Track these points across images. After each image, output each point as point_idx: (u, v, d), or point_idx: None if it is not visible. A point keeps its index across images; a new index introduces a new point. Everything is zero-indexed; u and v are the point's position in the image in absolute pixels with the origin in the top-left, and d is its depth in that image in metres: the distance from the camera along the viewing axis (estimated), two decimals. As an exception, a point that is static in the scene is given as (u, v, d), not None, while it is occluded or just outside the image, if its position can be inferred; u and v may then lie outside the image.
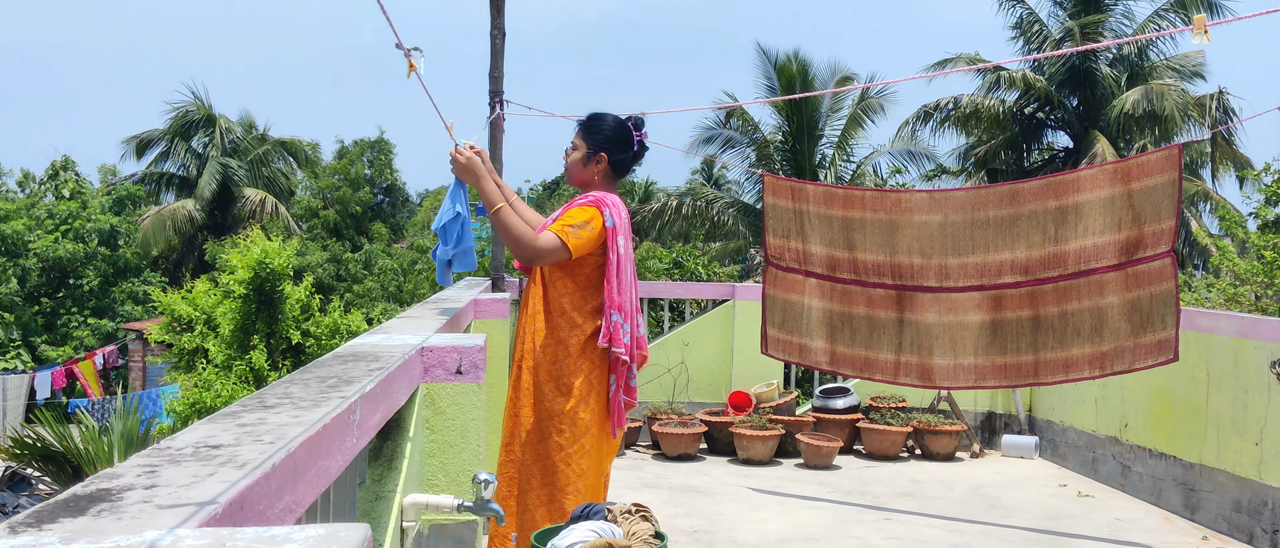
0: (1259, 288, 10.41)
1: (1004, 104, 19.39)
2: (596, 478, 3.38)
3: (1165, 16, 18.86)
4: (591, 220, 3.26)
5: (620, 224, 3.30)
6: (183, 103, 27.99)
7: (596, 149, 3.40)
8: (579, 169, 3.43)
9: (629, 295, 3.32)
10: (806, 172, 18.53)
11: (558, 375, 3.30)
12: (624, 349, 3.27)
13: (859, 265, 5.15)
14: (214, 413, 1.63)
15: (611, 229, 3.27)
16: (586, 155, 3.41)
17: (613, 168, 3.41)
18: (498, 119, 5.67)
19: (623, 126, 3.43)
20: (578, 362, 3.29)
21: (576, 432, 3.28)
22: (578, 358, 3.29)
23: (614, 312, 3.26)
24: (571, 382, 3.28)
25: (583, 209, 3.30)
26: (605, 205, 3.30)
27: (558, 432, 3.28)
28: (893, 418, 7.00)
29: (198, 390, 11.48)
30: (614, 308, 3.26)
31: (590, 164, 3.41)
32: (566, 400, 3.28)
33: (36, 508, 1.06)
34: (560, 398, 3.29)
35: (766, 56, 18.93)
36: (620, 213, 3.32)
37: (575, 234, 3.23)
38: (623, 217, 3.33)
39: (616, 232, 3.28)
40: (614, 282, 3.27)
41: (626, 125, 3.43)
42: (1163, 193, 4.52)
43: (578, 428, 3.28)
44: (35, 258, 24.37)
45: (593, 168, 3.41)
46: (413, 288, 24.87)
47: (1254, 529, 4.94)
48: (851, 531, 5.09)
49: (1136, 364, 4.68)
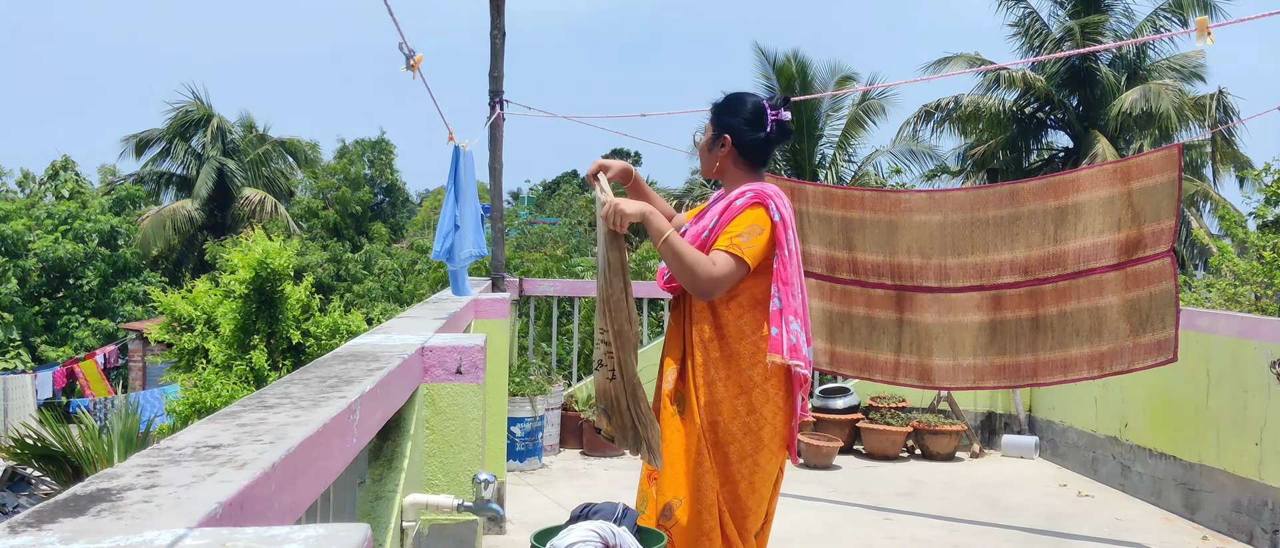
0: (1259, 288, 10.41)
1: (1004, 104, 19.40)
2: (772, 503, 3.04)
3: (1165, 16, 18.86)
4: (758, 222, 2.85)
5: (787, 217, 2.88)
6: (182, 103, 28.02)
7: (720, 131, 2.99)
8: (705, 155, 3.06)
9: (802, 296, 2.91)
10: (806, 171, 18.53)
11: (741, 409, 2.90)
12: (803, 362, 2.85)
13: (858, 265, 5.15)
14: (214, 413, 1.63)
15: (779, 223, 2.86)
16: (712, 139, 3.02)
17: (742, 152, 2.97)
18: (498, 119, 5.67)
19: (752, 104, 2.98)
20: (764, 388, 2.88)
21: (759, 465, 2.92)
22: (763, 384, 2.88)
23: (792, 318, 2.84)
24: (760, 411, 2.89)
25: (746, 212, 2.87)
26: (768, 199, 2.88)
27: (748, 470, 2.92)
28: (893, 418, 7.01)
29: (198, 390, 11.48)
30: (792, 316, 2.84)
31: (716, 148, 3.01)
32: (755, 437, 2.89)
33: (36, 508, 1.06)
34: (749, 437, 2.89)
35: (765, 57, 18.95)
36: (783, 203, 2.90)
37: (747, 246, 2.82)
38: (787, 208, 2.91)
39: (785, 225, 2.86)
40: (789, 284, 2.85)
41: (755, 101, 3.00)
42: (1163, 193, 4.52)
43: (761, 459, 2.92)
44: (35, 258, 24.37)
45: (718, 153, 3.00)
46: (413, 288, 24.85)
47: (1254, 529, 4.94)
48: (851, 530, 5.09)
49: (1136, 365, 4.68)
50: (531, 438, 6.35)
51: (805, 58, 18.85)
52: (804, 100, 18.12)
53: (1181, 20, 18.54)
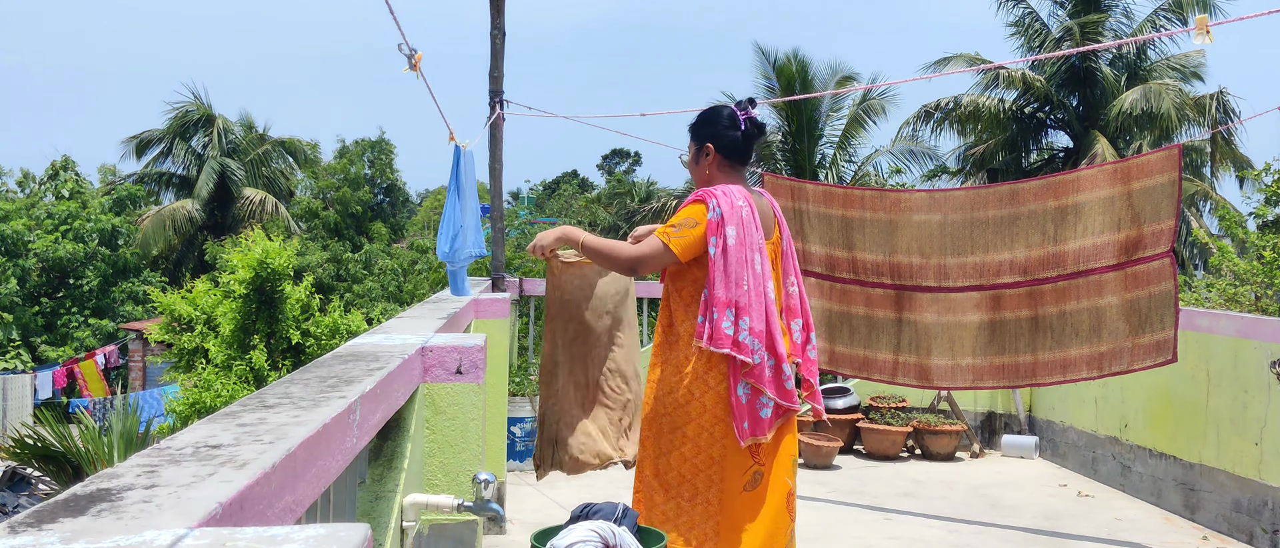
0: (1259, 288, 10.41)
1: (1003, 104, 19.40)
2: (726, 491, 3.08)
3: (1165, 16, 18.86)
4: (694, 215, 3.05)
5: (731, 213, 3.02)
6: (182, 103, 28.01)
7: (701, 142, 3.23)
8: (694, 169, 3.30)
9: (751, 289, 3.00)
10: (807, 171, 18.53)
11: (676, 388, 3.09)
12: (736, 347, 2.95)
13: (858, 265, 5.15)
14: (214, 413, 1.63)
15: (716, 220, 3.02)
16: (695, 153, 3.27)
17: (724, 155, 3.20)
18: (498, 119, 5.67)
19: (725, 112, 3.24)
20: (698, 371, 3.05)
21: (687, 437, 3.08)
22: (700, 368, 3.05)
23: (727, 309, 2.97)
24: (691, 390, 3.06)
25: (689, 206, 3.11)
26: (713, 196, 3.07)
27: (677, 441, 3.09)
28: (893, 418, 7.01)
29: (198, 390, 11.48)
30: (718, 305, 2.97)
31: (701, 160, 3.24)
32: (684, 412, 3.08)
33: (36, 508, 1.06)
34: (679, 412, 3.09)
35: (765, 56, 18.95)
36: (733, 201, 3.05)
37: (678, 235, 3.03)
38: (739, 205, 3.06)
39: (722, 223, 3.01)
40: (718, 277, 2.99)
41: (729, 109, 3.25)
42: (1162, 193, 4.52)
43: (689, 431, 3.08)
44: (35, 258, 24.37)
45: (704, 163, 3.23)
46: (413, 288, 24.85)
47: (1254, 529, 4.94)
48: (851, 530, 5.10)
49: (1135, 365, 4.68)
50: (531, 438, 6.35)
51: (805, 57, 18.86)
52: (804, 100, 18.12)
53: (1181, 20, 18.53)
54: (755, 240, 3.05)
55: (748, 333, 2.97)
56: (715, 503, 3.05)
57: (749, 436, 2.99)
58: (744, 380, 2.99)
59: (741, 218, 3.03)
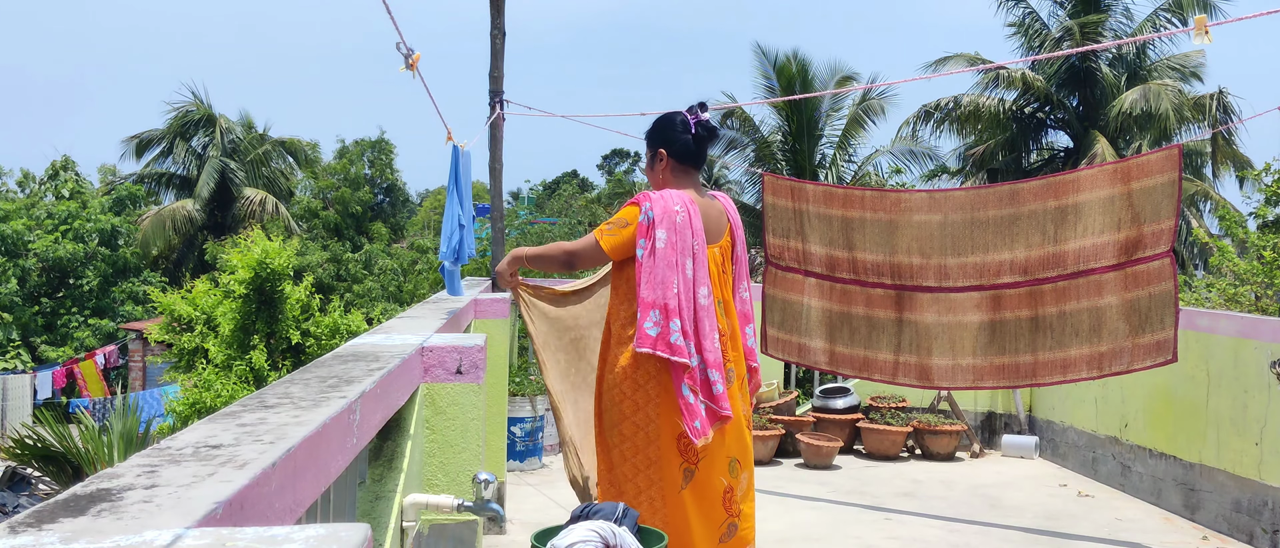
0: (1259, 288, 10.41)
1: (1003, 104, 19.39)
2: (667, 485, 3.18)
3: (1165, 16, 18.85)
4: (627, 216, 3.17)
5: (663, 216, 3.11)
6: (182, 103, 28.00)
7: (654, 149, 3.35)
8: (651, 174, 3.40)
9: (680, 293, 3.08)
10: (807, 171, 18.53)
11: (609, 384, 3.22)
12: (667, 349, 3.03)
13: (858, 265, 5.15)
14: (214, 413, 1.63)
15: (645, 223, 3.12)
16: (650, 159, 3.39)
17: (677, 159, 3.31)
18: (498, 119, 5.68)
19: (677, 118, 3.35)
20: (628, 368, 3.15)
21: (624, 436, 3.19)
22: (629, 365, 3.15)
23: (648, 311, 3.06)
24: (621, 387, 3.17)
25: (625, 208, 3.22)
26: (648, 199, 3.17)
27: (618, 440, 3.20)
28: (893, 418, 7.01)
29: (198, 390, 11.48)
30: (643, 306, 3.06)
31: (656, 165, 3.35)
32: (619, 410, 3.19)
33: (36, 508, 1.06)
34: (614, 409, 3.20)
35: (765, 56, 18.95)
36: (669, 206, 3.13)
37: (611, 233, 3.17)
38: (675, 209, 3.13)
39: (653, 226, 3.10)
40: (644, 279, 3.09)
41: (676, 113, 3.37)
42: (1162, 193, 4.52)
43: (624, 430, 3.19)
44: (35, 258, 24.37)
45: (658, 168, 3.35)
46: (413, 288, 24.86)
47: (1254, 529, 4.94)
48: (851, 530, 5.10)
49: (1135, 365, 4.68)
50: (531, 438, 6.35)
51: (805, 57, 18.86)
52: (804, 100, 18.11)
53: (1181, 20, 18.52)
54: (690, 244, 3.12)
55: (679, 334, 3.03)
56: (658, 500, 3.14)
57: (701, 435, 3.04)
58: (686, 383, 3.05)
59: (674, 222, 3.11)
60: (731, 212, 3.37)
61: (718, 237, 3.29)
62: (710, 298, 3.14)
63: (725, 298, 3.29)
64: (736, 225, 3.38)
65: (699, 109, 3.34)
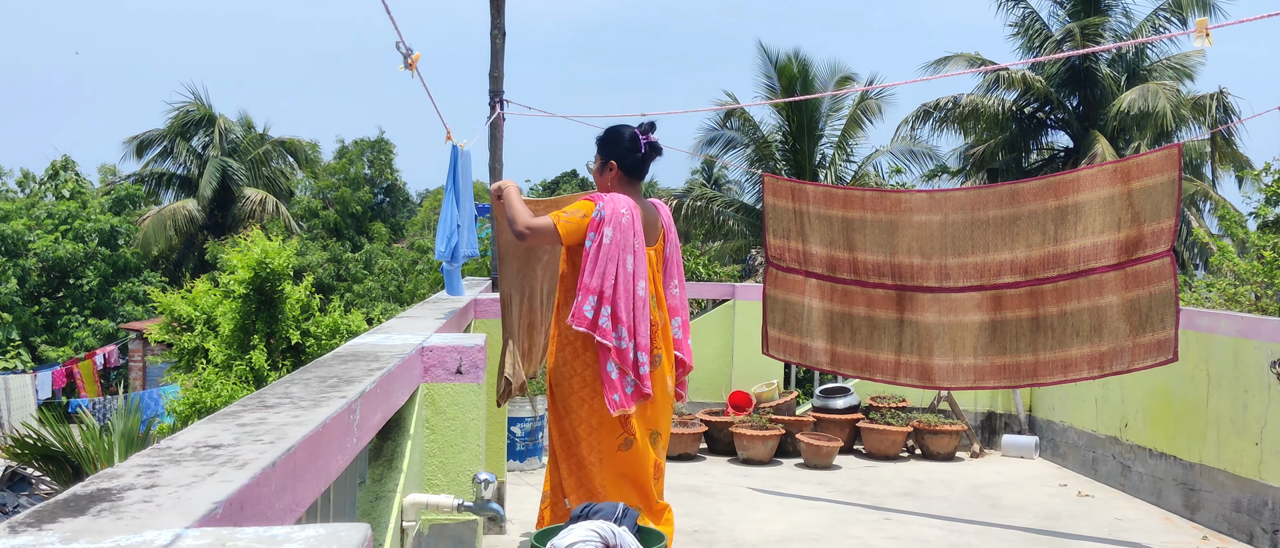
0: (1259, 288, 10.41)
1: (1003, 104, 19.39)
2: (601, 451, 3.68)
3: (1165, 17, 18.85)
4: (582, 208, 3.61)
5: (612, 216, 3.58)
6: (183, 103, 28.00)
7: (606, 158, 3.80)
8: (598, 178, 3.86)
9: (619, 283, 3.55)
10: (807, 172, 18.52)
11: (557, 360, 3.72)
12: (593, 328, 3.50)
13: (859, 266, 5.15)
14: (214, 413, 1.63)
15: (597, 219, 3.57)
16: (600, 166, 3.83)
17: (625, 172, 3.77)
18: (498, 119, 5.68)
19: (625, 133, 3.79)
20: (573, 345, 3.65)
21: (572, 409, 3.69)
22: (572, 342, 3.65)
23: (587, 295, 3.52)
24: (570, 363, 3.67)
25: (581, 201, 3.69)
26: (601, 199, 3.63)
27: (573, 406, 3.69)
28: (893, 418, 7.00)
29: (198, 390, 11.48)
30: (583, 290, 3.53)
31: (605, 173, 3.80)
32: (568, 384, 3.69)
33: (36, 508, 1.06)
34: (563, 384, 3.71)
35: (767, 56, 18.93)
36: (618, 208, 3.60)
37: (566, 220, 3.58)
38: (622, 212, 3.61)
39: (603, 223, 3.56)
40: (588, 267, 3.55)
41: (630, 131, 3.79)
42: (1162, 192, 4.52)
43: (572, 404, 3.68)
44: (35, 258, 24.37)
45: (607, 176, 3.79)
46: (413, 288, 24.87)
47: (1254, 529, 4.94)
48: (851, 530, 5.09)
49: (1135, 364, 4.68)
50: (531, 438, 6.35)
51: (806, 57, 18.84)
52: (804, 100, 18.11)
53: (1181, 20, 18.52)
54: (632, 243, 3.59)
55: (607, 319, 3.51)
56: (596, 464, 3.63)
57: (619, 407, 3.52)
58: (612, 360, 3.52)
59: (621, 223, 3.58)
60: (666, 218, 3.88)
61: (654, 239, 3.78)
62: (647, 291, 3.62)
63: (658, 293, 3.78)
64: (670, 230, 3.89)
65: (649, 129, 3.80)
